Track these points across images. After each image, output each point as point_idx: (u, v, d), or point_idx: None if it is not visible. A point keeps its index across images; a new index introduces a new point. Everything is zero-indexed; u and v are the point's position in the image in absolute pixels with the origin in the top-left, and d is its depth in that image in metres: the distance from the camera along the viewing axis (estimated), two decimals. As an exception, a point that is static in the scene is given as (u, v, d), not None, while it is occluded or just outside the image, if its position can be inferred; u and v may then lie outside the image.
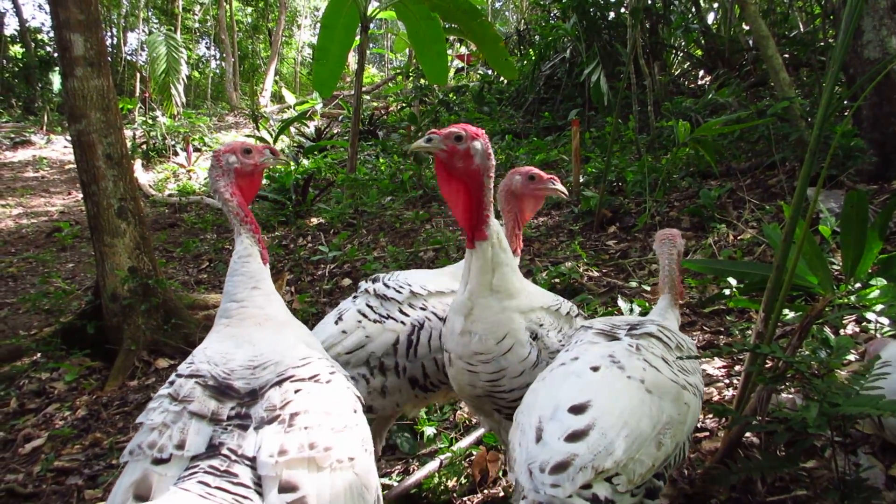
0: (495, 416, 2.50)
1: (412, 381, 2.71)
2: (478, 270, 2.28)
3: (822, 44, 9.45)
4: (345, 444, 1.65)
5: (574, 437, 1.76)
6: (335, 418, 1.69)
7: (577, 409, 1.82)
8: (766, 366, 2.72)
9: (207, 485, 1.52)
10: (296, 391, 1.72)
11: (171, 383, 1.83)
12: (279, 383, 1.75)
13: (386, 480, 3.32)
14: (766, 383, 2.50)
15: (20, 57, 25.89)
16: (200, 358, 1.92)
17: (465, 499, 3.17)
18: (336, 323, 2.81)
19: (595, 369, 1.99)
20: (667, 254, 2.69)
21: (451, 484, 3.24)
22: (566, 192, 2.96)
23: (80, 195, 6.66)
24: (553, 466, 1.71)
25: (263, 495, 1.52)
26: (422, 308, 2.71)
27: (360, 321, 2.75)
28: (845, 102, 6.23)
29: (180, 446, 1.62)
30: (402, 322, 2.69)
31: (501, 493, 3.15)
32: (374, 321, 2.72)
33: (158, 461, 1.60)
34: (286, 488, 1.51)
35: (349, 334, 2.74)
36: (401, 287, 2.77)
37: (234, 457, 1.59)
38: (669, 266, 2.67)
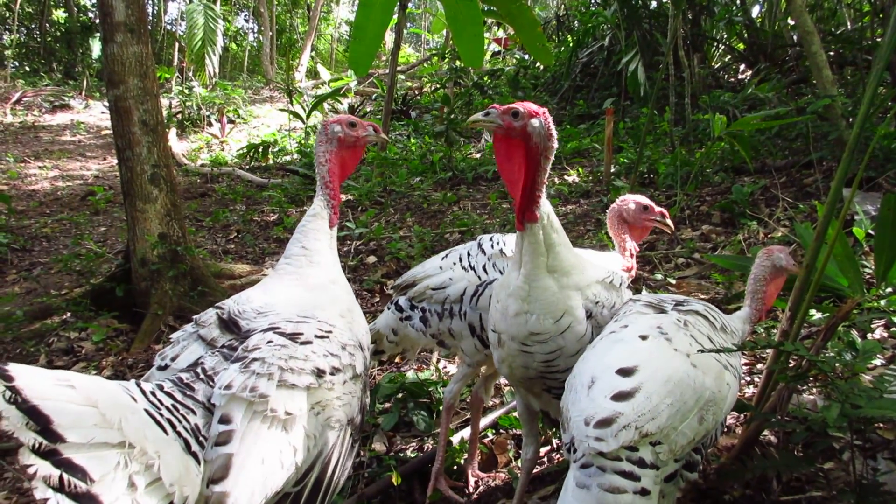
0: (545, 396, 2.49)
1: (471, 328, 2.82)
2: (531, 253, 2.24)
3: (868, 42, 9.21)
4: (284, 400, 1.78)
5: (620, 396, 1.80)
6: (287, 374, 1.82)
7: (625, 372, 1.86)
8: (789, 365, 2.69)
9: (161, 388, 1.74)
10: (267, 342, 1.88)
11: (206, 311, 2.12)
12: (264, 331, 1.94)
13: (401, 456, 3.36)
14: (787, 382, 2.47)
15: (63, 22, 26.21)
16: (236, 297, 2.20)
17: (476, 479, 3.20)
18: (441, 259, 3.01)
19: (644, 338, 2.01)
20: (758, 265, 2.64)
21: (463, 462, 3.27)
22: (672, 228, 3.10)
23: (115, 160, 6.76)
24: (598, 421, 1.76)
25: (210, 424, 1.71)
26: (500, 271, 2.78)
27: (454, 263, 2.91)
28: (889, 103, 6.08)
29: (174, 359, 1.93)
30: (479, 277, 2.81)
31: (508, 476, 3.17)
32: (463, 268, 2.87)
33: (160, 367, 1.93)
34: (223, 420, 1.69)
35: (443, 272, 2.92)
36: (495, 244, 2.88)
37: (202, 375, 1.81)
38: (754, 278, 2.62)
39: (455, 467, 3.28)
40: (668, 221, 3.03)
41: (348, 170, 2.59)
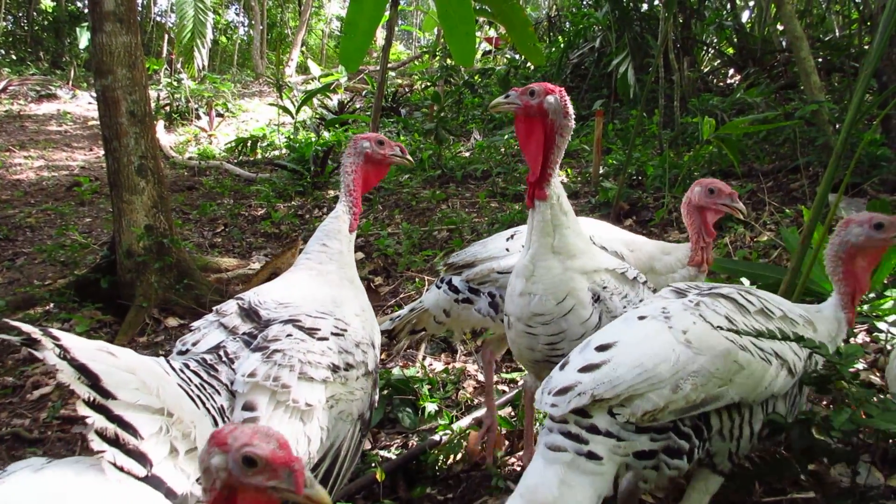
0: None
1: None
2: (538, 232, 2.28)
3: (856, 49, 9.29)
4: (304, 391, 1.87)
5: (587, 368, 1.86)
6: (306, 367, 1.91)
7: (602, 348, 1.92)
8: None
9: (187, 366, 1.82)
10: (287, 335, 1.97)
11: (226, 302, 2.23)
12: (285, 322, 2.03)
13: (385, 453, 3.36)
14: (809, 384, 2.47)
15: (51, 10, 25.94)
16: (256, 289, 2.30)
17: (460, 475, 3.20)
18: (507, 239, 2.94)
19: (641, 318, 2.03)
20: (829, 243, 2.38)
21: (448, 460, 3.26)
22: (744, 211, 2.88)
23: (102, 152, 6.70)
24: (558, 390, 1.84)
25: (234, 408, 1.79)
26: None
27: (523, 246, 2.82)
28: (875, 110, 6.13)
29: (194, 344, 2.04)
30: None
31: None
32: None
33: (180, 352, 2.04)
34: (247, 407, 1.77)
35: (510, 254, 2.85)
36: None
37: (224, 358, 1.90)
38: (826, 258, 2.37)
39: (447, 463, 3.27)
40: (739, 204, 2.82)
41: (371, 183, 2.74)
